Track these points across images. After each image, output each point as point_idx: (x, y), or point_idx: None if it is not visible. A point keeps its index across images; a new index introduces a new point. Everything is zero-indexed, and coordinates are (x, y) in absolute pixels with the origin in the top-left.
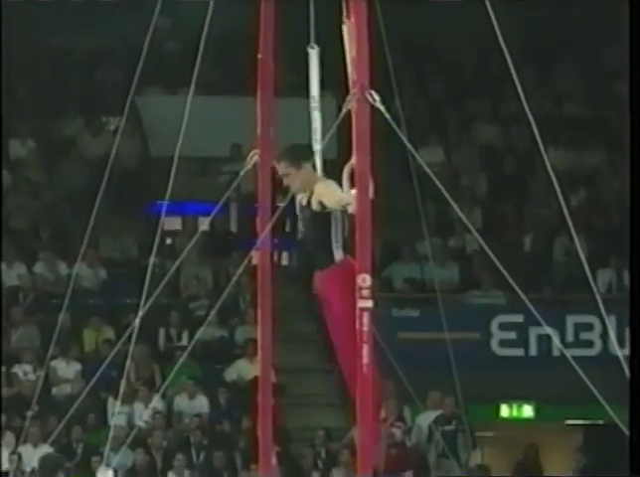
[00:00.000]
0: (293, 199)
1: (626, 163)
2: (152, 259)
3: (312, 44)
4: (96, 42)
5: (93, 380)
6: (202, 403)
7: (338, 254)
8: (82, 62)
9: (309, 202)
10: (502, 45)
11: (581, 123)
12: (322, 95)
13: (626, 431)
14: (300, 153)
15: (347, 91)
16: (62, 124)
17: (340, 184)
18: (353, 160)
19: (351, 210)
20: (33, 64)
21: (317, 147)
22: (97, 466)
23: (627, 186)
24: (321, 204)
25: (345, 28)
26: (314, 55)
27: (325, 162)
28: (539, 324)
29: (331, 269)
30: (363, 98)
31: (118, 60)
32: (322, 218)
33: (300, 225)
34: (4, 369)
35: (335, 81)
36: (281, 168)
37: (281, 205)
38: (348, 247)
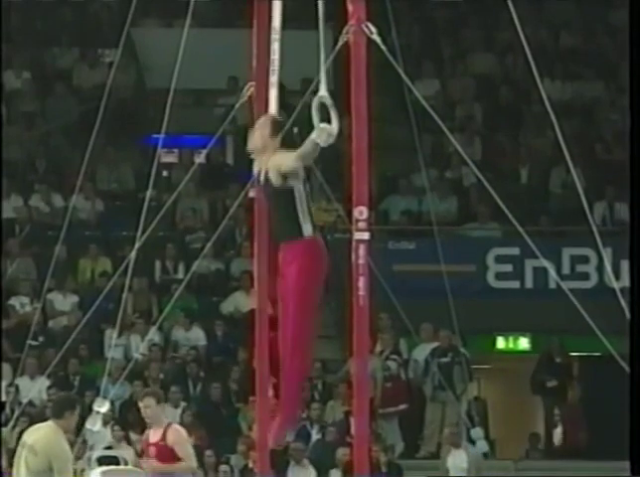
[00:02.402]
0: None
1: (622, 94)
2: (149, 192)
3: None
4: None
5: (90, 312)
6: (198, 336)
7: (307, 229)
8: None
9: (267, 178)
10: None
11: (578, 54)
12: (317, 27)
13: (621, 362)
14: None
15: (343, 23)
16: (57, 56)
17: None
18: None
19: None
20: None
21: (274, 79)
22: (94, 398)
23: (623, 116)
24: (281, 175)
25: None
26: None
27: None
28: (535, 256)
29: (297, 244)
30: (359, 31)
31: None
32: (285, 192)
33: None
34: None
35: (331, 13)
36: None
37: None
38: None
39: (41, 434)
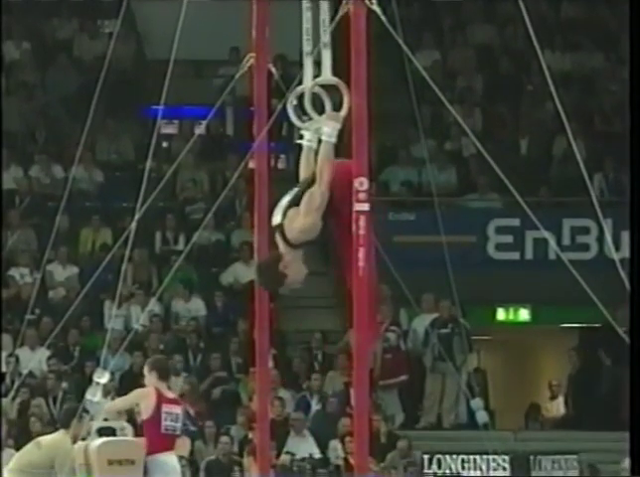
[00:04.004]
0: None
1: (622, 65)
2: (149, 163)
3: None
4: None
5: (90, 283)
6: (198, 307)
7: None
8: None
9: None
10: None
11: (578, 25)
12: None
13: (621, 333)
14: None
15: None
16: (57, 26)
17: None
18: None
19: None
20: None
21: (307, 49)
22: (94, 369)
23: (623, 87)
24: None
25: None
26: None
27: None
28: (535, 227)
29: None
30: (360, 1)
31: None
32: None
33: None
34: None
35: None
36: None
37: (278, 108)
38: None
39: (49, 436)
